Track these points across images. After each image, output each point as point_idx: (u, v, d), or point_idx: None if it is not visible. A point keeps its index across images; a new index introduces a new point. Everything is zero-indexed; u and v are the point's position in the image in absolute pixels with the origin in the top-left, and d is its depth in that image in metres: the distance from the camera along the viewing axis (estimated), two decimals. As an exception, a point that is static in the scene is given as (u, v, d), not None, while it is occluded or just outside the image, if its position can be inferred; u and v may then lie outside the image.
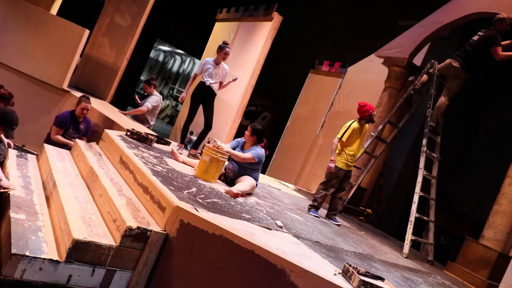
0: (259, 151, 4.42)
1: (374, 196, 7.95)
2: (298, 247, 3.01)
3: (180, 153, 5.08)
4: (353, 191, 6.43)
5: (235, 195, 3.98)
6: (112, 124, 5.55)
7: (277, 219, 3.87)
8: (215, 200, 3.61)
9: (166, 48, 21.96)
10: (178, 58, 21.50)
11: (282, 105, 11.52)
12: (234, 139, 4.83)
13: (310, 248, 3.27)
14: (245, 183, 4.30)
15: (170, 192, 3.17)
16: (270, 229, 3.38)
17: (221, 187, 4.23)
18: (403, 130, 7.01)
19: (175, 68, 21.61)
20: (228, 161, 4.47)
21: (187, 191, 3.48)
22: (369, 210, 6.69)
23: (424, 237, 5.62)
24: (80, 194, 3.36)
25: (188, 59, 20.80)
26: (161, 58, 22.96)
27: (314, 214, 5.08)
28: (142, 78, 22.27)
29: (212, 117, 5.25)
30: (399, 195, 8.47)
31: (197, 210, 2.85)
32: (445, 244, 7.44)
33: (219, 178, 4.48)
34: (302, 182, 8.29)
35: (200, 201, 3.35)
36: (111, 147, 4.39)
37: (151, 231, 2.67)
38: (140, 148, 4.52)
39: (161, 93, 20.13)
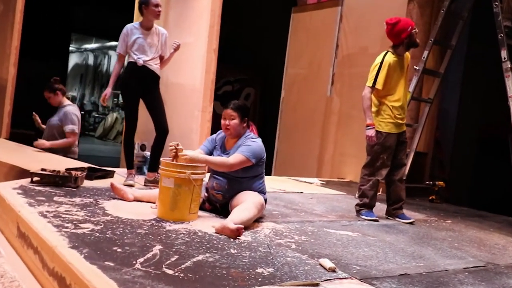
0: (254, 142, 3.44)
1: (434, 159, 6.96)
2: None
3: (131, 184, 4.23)
4: (409, 162, 5.47)
5: (235, 233, 2.93)
6: (16, 173, 4.42)
7: (319, 255, 2.79)
8: (201, 257, 2.48)
9: (93, 45, 20.98)
10: (112, 53, 20.51)
11: (267, 72, 10.95)
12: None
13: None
14: (246, 205, 3.27)
15: (104, 277, 2.02)
16: (318, 285, 2.26)
17: (208, 224, 3.22)
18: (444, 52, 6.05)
19: (112, 68, 20.70)
20: (211, 176, 3.59)
21: (142, 260, 2.33)
22: (441, 183, 5.72)
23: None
24: None
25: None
26: (91, 60, 21.99)
27: (369, 218, 4.17)
28: (70, 94, 21.37)
29: (164, 114, 4.43)
30: (463, 150, 7.75)
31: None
32: None
33: (202, 208, 3.55)
34: (327, 170, 7.50)
35: (171, 271, 2.24)
36: (3, 212, 3.22)
37: None
38: (55, 199, 3.45)
39: (106, 107, 19.23)
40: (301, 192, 5.25)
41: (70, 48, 22.06)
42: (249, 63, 11.32)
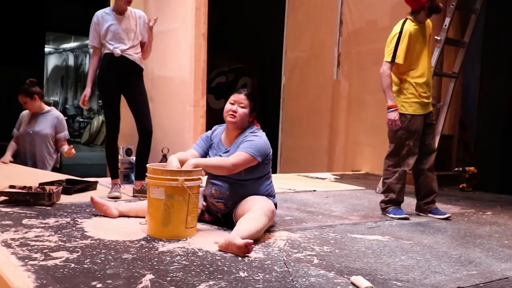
0: (257, 137, 3.11)
1: (459, 141, 6.66)
2: None
3: (117, 197, 3.92)
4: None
5: (243, 250, 2.58)
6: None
7: (350, 271, 2.45)
8: (203, 286, 2.08)
9: (72, 44, 20.62)
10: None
11: (265, 58, 10.79)
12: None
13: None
14: (253, 214, 2.91)
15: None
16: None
17: (210, 239, 2.85)
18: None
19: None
20: (208, 181, 3.23)
21: (128, 297, 1.94)
22: (472, 168, 5.38)
23: None
24: None
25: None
26: (71, 61, 21.65)
27: (397, 216, 3.81)
28: (52, 99, 20.99)
29: (146, 112, 4.12)
30: (488, 129, 7.47)
31: None
32: None
33: (200, 220, 3.20)
34: (340, 163, 7.25)
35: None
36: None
37: None
38: (24, 222, 3.13)
39: (90, 109, 18.88)
40: (314, 191, 4.94)
41: (48, 50, 21.94)
42: (243, 50, 11.16)
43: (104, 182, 4.52)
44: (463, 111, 7.14)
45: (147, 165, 2.98)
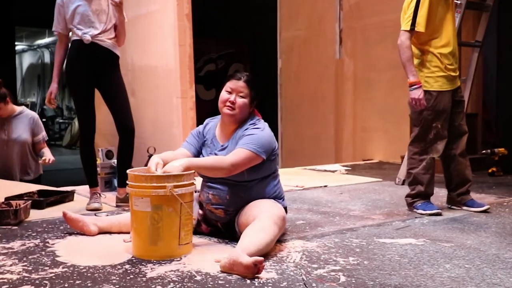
0: (258, 129, 2.79)
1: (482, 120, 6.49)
2: None
3: (97, 208, 3.64)
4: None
5: (252, 270, 2.21)
6: None
7: None
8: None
9: (47, 40, 20.29)
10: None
11: (257, 41, 10.90)
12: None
13: None
14: (260, 223, 2.56)
15: None
16: None
17: (209, 257, 2.49)
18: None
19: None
20: (203, 184, 2.92)
21: None
22: (502, 150, 5.14)
23: None
24: None
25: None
26: (47, 58, 21.38)
27: (428, 212, 3.48)
28: (29, 100, 20.64)
29: (126, 106, 3.83)
30: (509, 106, 7.07)
31: None
32: None
33: (197, 232, 2.88)
34: (349, 152, 7.13)
35: None
36: None
37: None
38: None
39: (67, 108, 18.49)
40: (325, 186, 4.67)
41: (21, 47, 21.66)
42: (233, 34, 11.16)
43: (83, 191, 4.21)
44: (486, 86, 6.95)
45: (128, 171, 2.60)
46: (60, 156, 14.37)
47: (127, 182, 2.56)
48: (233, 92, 2.80)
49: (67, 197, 3.98)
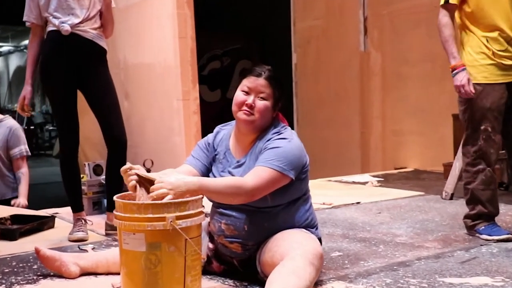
0: (284, 140, 2.44)
1: None
2: None
3: (81, 239, 3.38)
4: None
5: None
6: None
7: None
8: None
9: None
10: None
11: (267, 34, 10.96)
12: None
13: None
14: (292, 264, 2.18)
15: None
16: None
17: None
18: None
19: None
20: (214, 210, 2.62)
21: None
22: None
23: None
24: None
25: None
26: (22, 60, 21.51)
27: (495, 237, 3.10)
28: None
29: (116, 112, 3.61)
30: None
31: None
32: None
33: (206, 271, 2.54)
34: (377, 158, 7.00)
35: None
36: None
37: None
38: None
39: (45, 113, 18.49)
40: (358, 203, 4.35)
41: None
42: (240, 27, 11.10)
43: (68, 214, 3.88)
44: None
45: (114, 198, 2.18)
46: (49, 168, 14.25)
47: (114, 212, 2.14)
48: (252, 93, 2.41)
49: (47, 223, 3.73)
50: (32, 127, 17.15)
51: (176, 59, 5.27)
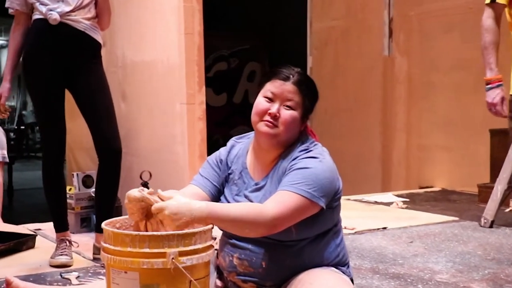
0: (314, 160, 2.21)
1: None
2: None
3: (65, 264, 3.26)
4: None
5: None
6: None
7: None
8: None
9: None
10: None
11: (278, 34, 10.93)
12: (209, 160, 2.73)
13: None
14: None
15: None
16: None
17: None
18: None
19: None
20: (224, 241, 2.42)
21: None
22: None
23: None
24: None
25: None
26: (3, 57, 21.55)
27: None
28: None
29: (112, 118, 3.53)
30: None
31: None
32: None
33: None
34: (401, 175, 6.89)
35: None
36: None
37: None
38: None
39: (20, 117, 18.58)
40: (384, 228, 4.14)
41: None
42: (249, 26, 11.19)
43: (52, 231, 3.66)
44: None
45: (103, 225, 1.90)
46: (39, 172, 14.22)
47: (102, 242, 1.87)
48: (277, 100, 2.15)
49: (25, 243, 3.60)
50: (22, 127, 17.13)
51: (181, 58, 5.08)
